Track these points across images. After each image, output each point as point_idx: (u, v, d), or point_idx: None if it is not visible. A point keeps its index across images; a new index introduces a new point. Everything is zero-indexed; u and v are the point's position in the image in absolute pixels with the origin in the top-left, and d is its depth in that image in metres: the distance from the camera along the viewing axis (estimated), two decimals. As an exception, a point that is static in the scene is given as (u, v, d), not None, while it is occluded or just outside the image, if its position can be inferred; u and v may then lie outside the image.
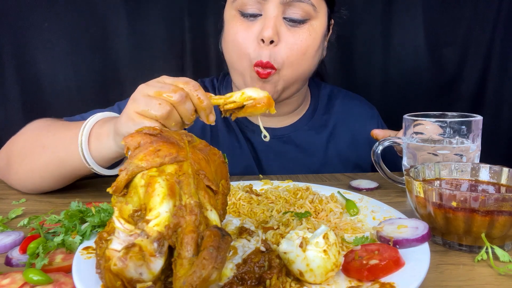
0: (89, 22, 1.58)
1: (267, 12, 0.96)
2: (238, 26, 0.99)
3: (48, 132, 0.90)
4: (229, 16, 1.03)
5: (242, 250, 0.51)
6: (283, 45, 0.97)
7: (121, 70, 1.64)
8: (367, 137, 1.18)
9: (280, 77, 1.00)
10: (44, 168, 0.88)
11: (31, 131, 0.95)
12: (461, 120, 0.83)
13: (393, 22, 1.72)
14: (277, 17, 0.96)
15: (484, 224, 0.60)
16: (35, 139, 0.91)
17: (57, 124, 0.94)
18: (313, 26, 0.99)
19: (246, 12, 0.98)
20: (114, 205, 0.48)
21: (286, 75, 1.00)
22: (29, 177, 0.91)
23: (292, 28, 0.97)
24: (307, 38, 0.98)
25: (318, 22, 1.01)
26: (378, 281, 0.49)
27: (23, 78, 1.59)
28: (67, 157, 0.84)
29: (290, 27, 0.97)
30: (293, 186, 0.86)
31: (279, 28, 0.96)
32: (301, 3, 0.95)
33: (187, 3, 1.63)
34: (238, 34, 0.99)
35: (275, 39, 0.95)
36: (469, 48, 1.73)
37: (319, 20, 1.01)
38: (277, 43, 0.96)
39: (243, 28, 0.98)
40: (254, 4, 0.96)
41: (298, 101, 1.18)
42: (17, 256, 0.61)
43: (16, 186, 0.96)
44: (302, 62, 1.00)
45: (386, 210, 0.74)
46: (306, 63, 1.02)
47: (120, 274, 0.42)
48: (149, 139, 0.52)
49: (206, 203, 0.49)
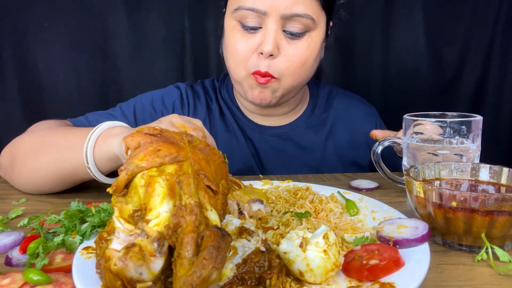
0: (89, 22, 1.58)
1: (267, 26, 0.96)
2: (238, 37, 1.00)
3: (55, 133, 0.91)
4: (229, 26, 1.03)
5: (242, 250, 0.51)
6: (282, 57, 0.98)
7: (121, 70, 1.64)
8: (365, 136, 1.19)
9: (280, 85, 1.02)
10: (46, 168, 0.87)
11: (38, 132, 0.96)
12: (461, 120, 0.83)
13: (393, 22, 1.72)
14: (276, 31, 0.97)
15: (484, 224, 0.60)
16: (42, 139, 0.91)
17: (65, 127, 0.94)
18: (312, 37, 1.01)
19: (247, 25, 0.99)
20: (114, 205, 0.48)
21: (286, 83, 1.02)
22: (31, 177, 0.90)
23: (291, 40, 0.99)
24: (306, 50, 1.00)
25: (317, 32, 1.02)
26: (378, 281, 0.49)
27: (23, 78, 1.59)
28: (69, 155, 0.84)
29: (289, 40, 0.99)
30: (293, 186, 0.86)
31: (278, 41, 0.97)
32: (301, 18, 0.96)
33: (187, 3, 1.63)
34: (238, 45, 1.00)
35: (274, 53, 0.97)
36: (469, 48, 1.73)
37: (318, 31, 1.02)
38: (276, 56, 0.98)
39: (244, 39, 1.00)
40: (255, 17, 0.97)
41: (295, 101, 1.19)
42: (17, 256, 0.61)
43: (18, 186, 0.96)
44: (301, 72, 1.02)
45: (386, 210, 0.74)
46: (305, 72, 1.04)
47: (120, 274, 0.42)
48: (149, 139, 0.52)
49: (206, 203, 0.49)
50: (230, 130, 1.18)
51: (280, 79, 1.00)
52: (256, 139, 1.18)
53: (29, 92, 1.60)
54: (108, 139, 0.79)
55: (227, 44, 1.06)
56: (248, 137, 1.18)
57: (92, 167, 0.81)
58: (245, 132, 1.18)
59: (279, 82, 1.01)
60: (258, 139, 1.18)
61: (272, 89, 1.01)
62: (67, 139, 0.87)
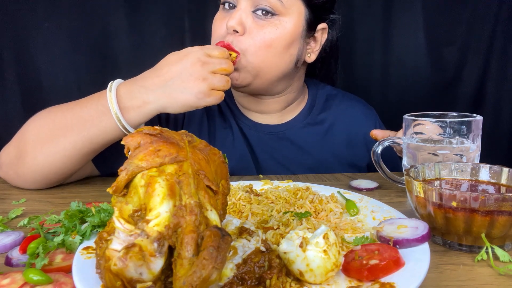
0: (89, 22, 1.59)
1: (239, 4, 1.02)
2: (218, 15, 1.08)
3: (64, 114, 0.94)
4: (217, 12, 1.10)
5: (242, 250, 0.51)
6: (247, 35, 1.01)
7: (121, 70, 1.64)
8: (364, 138, 1.19)
9: (248, 63, 1.02)
10: (71, 148, 0.92)
11: (42, 119, 0.97)
12: (461, 120, 0.83)
13: (393, 22, 1.72)
14: (244, 10, 1.01)
15: (484, 224, 0.60)
16: (51, 123, 0.94)
17: (68, 105, 0.97)
18: (280, 21, 1.02)
19: (225, 4, 1.06)
20: (114, 205, 0.48)
21: (252, 62, 1.02)
22: (49, 162, 0.92)
23: (259, 21, 1.01)
24: (271, 31, 1.01)
25: (289, 19, 1.03)
26: (378, 281, 0.49)
27: (23, 78, 1.59)
28: (99, 132, 0.91)
29: (257, 20, 1.01)
30: (293, 186, 0.86)
31: (245, 20, 1.01)
32: None
33: (187, 3, 1.63)
34: (215, 23, 1.07)
35: (238, 30, 0.99)
36: (469, 48, 1.73)
37: (291, 18, 1.03)
38: (242, 34, 1.01)
39: (220, 17, 1.06)
40: None
41: (287, 100, 1.19)
42: (17, 256, 0.61)
43: (29, 176, 0.95)
44: (268, 54, 1.02)
45: (386, 210, 0.74)
46: (274, 56, 1.04)
47: (120, 274, 0.42)
48: (149, 139, 0.52)
49: (206, 203, 0.49)
50: (227, 127, 1.19)
51: (244, 55, 1.01)
52: (252, 137, 1.19)
53: (29, 92, 1.60)
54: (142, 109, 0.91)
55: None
56: (244, 134, 1.19)
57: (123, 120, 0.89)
58: (241, 130, 1.19)
59: (246, 60, 1.01)
60: (254, 137, 1.19)
61: (241, 68, 1.02)
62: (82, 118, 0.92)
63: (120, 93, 0.91)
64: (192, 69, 0.88)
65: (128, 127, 0.90)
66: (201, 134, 1.17)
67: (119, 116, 0.89)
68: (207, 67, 0.89)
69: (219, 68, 0.90)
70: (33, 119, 0.98)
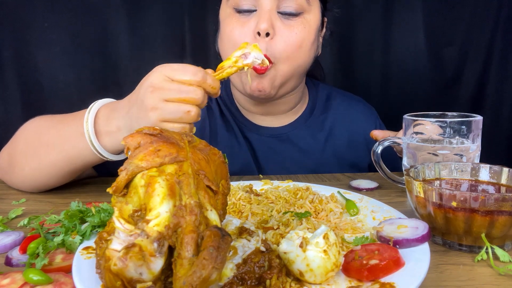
0: (89, 22, 1.58)
1: (262, 6, 0.98)
2: (234, 23, 1.01)
3: (49, 130, 0.91)
4: (224, 15, 1.04)
5: (242, 250, 0.51)
6: (279, 38, 0.98)
7: (121, 70, 1.64)
8: (364, 138, 1.19)
9: (277, 71, 1.00)
10: (52, 166, 0.89)
11: (31, 130, 0.96)
12: (461, 120, 0.83)
13: (393, 22, 1.72)
14: (271, 10, 0.98)
15: (484, 224, 0.60)
16: (37, 138, 0.92)
17: (55, 120, 0.94)
18: (306, 19, 1.01)
19: (241, 9, 1.00)
20: (114, 205, 0.48)
21: (282, 69, 1.00)
22: (35, 175, 0.91)
23: (287, 21, 0.99)
24: (301, 31, 1.00)
25: (312, 15, 1.02)
26: (378, 281, 0.49)
27: (23, 78, 1.59)
28: (77, 154, 0.86)
29: (284, 21, 0.99)
30: (293, 186, 0.86)
31: (274, 21, 0.98)
32: None
33: (187, 3, 1.63)
34: (234, 31, 1.00)
35: (270, 32, 0.96)
36: (469, 48, 1.73)
37: (313, 14, 1.02)
38: (273, 37, 0.98)
39: (239, 24, 1.00)
40: (249, 0, 0.98)
41: (295, 100, 1.18)
42: (17, 256, 0.61)
43: (19, 185, 0.96)
44: (298, 55, 1.01)
45: (386, 210, 0.74)
46: (302, 56, 1.03)
47: (120, 274, 0.42)
48: (149, 139, 0.52)
49: (206, 203, 0.49)
50: (230, 130, 1.18)
51: (276, 64, 0.99)
52: (254, 140, 1.18)
53: (29, 92, 1.60)
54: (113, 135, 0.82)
55: (222, 34, 1.05)
56: (246, 137, 1.18)
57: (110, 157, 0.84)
58: (243, 132, 1.18)
59: (275, 69, 0.99)
60: (256, 140, 1.18)
61: (270, 77, 1.00)
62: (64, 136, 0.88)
63: (99, 115, 0.83)
64: (144, 95, 0.73)
65: (103, 152, 0.83)
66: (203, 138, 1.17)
67: (93, 140, 0.81)
68: (158, 94, 0.71)
69: (175, 97, 0.70)
70: (25, 127, 0.97)
